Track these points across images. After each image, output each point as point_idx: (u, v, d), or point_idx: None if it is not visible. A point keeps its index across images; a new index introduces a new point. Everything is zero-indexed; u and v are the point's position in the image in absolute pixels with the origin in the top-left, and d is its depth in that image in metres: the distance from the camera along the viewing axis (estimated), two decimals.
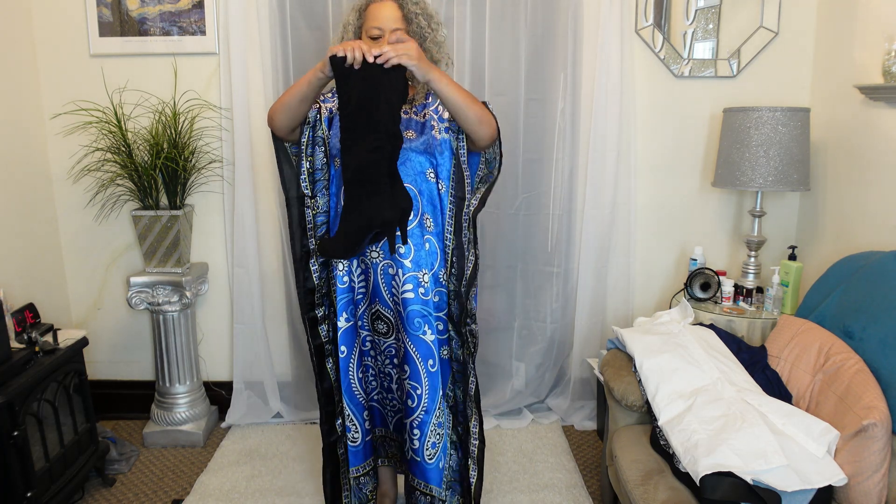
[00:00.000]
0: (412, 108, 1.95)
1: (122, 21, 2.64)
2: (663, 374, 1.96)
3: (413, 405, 1.93)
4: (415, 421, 1.94)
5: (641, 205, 2.81)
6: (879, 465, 1.60)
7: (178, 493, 2.40)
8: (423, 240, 1.90)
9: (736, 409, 1.81)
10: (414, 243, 1.88)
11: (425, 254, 1.90)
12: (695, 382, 1.92)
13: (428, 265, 1.90)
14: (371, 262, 1.90)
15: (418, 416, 1.94)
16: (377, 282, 1.91)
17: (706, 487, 1.60)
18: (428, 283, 1.90)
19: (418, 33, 1.91)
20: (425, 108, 1.95)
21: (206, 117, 2.68)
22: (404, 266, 1.87)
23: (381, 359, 2.01)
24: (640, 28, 2.66)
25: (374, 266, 1.90)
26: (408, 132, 1.90)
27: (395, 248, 1.85)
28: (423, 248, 1.90)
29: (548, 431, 2.80)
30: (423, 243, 1.90)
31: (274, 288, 2.85)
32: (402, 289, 1.88)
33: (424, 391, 1.92)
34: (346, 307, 1.95)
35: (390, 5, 1.89)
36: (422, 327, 1.90)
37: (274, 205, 2.76)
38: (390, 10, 1.88)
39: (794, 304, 2.45)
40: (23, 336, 2.16)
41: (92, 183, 2.67)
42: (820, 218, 2.62)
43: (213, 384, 2.93)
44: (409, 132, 1.90)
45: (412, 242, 1.88)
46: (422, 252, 1.89)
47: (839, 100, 2.47)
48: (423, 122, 1.94)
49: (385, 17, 1.87)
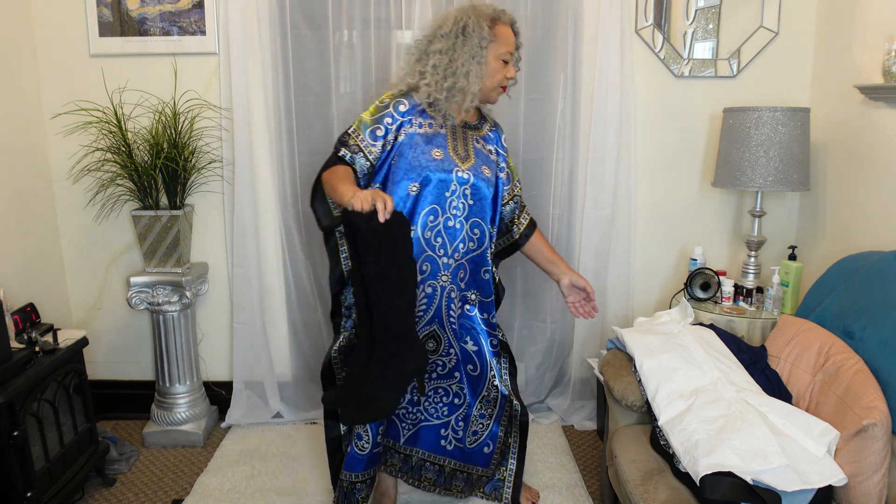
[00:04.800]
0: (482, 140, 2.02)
1: (122, 21, 2.64)
2: (663, 374, 1.96)
3: (459, 403, 2.07)
4: (459, 415, 2.08)
5: (641, 205, 2.81)
6: (879, 465, 1.60)
7: (178, 493, 2.40)
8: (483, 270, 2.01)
9: (736, 409, 1.80)
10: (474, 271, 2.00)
11: (483, 282, 2.02)
12: (695, 382, 1.92)
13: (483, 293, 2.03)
14: (440, 286, 1.95)
15: (462, 410, 2.09)
16: (440, 305, 1.96)
17: (706, 487, 1.60)
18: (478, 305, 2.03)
19: (517, 61, 1.98)
20: (487, 143, 2.03)
21: (206, 117, 2.68)
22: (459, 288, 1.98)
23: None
24: (640, 28, 2.66)
25: (442, 290, 1.95)
26: (484, 168, 1.97)
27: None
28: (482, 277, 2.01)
29: (548, 431, 2.80)
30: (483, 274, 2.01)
31: (274, 288, 2.85)
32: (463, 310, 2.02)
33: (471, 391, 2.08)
34: None
35: (510, 29, 1.91)
36: (479, 342, 2.03)
37: (274, 205, 2.76)
38: (511, 33, 1.92)
39: (794, 304, 2.45)
40: (23, 336, 2.16)
41: (92, 183, 2.67)
42: (820, 218, 2.62)
43: (213, 384, 2.93)
44: (485, 168, 1.97)
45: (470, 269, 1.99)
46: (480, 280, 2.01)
47: (839, 100, 2.47)
48: (490, 158, 2.02)
49: (512, 43, 1.92)
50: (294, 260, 2.81)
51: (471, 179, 1.92)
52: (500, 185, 2.04)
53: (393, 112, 1.90)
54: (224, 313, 2.90)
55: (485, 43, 1.84)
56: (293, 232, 2.79)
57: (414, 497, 2.34)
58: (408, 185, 1.87)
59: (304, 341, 2.90)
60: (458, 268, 1.96)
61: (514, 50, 1.94)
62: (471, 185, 1.92)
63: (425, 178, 1.87)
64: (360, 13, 2.63)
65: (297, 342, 2.91)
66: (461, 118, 1.97)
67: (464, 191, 1.91)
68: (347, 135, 1.91)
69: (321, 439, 2.71)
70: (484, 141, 2.02)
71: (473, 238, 1.96)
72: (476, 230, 1.96)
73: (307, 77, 2.69)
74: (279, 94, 2.67)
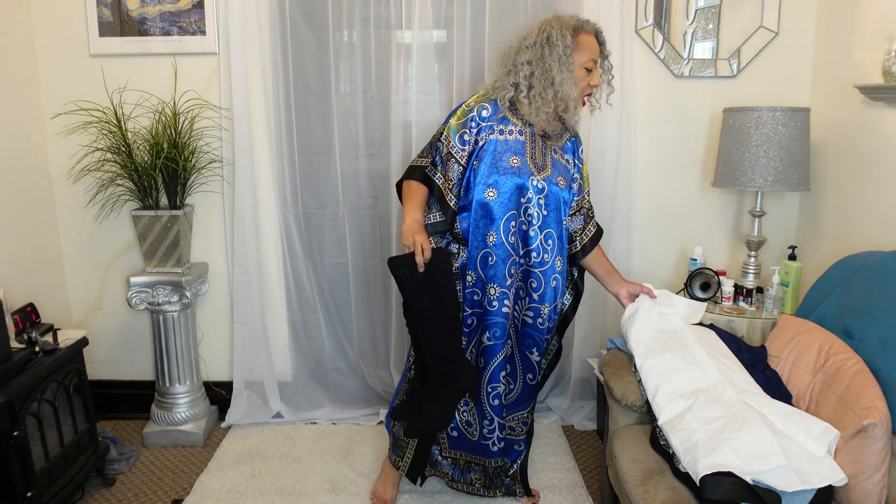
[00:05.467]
0: (560, 150, 2.05)
1: (122, 21, 2.64)
2: (664, 373, 1.95)
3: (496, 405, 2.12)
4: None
5: (641, 205, 2.81)
6: (879, 465, 1.60)
7: (178, 493, 2.40)
8: (552, 278, 2.05)
9: (736, 410, 1.80)
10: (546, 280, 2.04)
11: (551, 290, 2.06)
12: (695, 383, 1.92)
13: (550, 300, 2.07)
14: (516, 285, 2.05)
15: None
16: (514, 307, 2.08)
17: (706, 488, 1.60)
18: (546, 315, 2.08)
19: (606, 71, 2.01)
20: (565, 153, 2.07)
21: (206, 117, 2.68)
22: (531, 297, 2.06)
23: None
24: (640, 28, 2.66)
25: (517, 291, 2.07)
26: (560, 179, 2.02)
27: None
28: (550, 285, 2.05)
29: (548, 431, 2.80)
30: (552, 281, 2.06)
31: (274, 288, 2.85)
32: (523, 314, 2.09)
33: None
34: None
35: (594, 38, 1.94)
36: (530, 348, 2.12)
37: (274, 205, 2.76)
38: (595, 42, 1.95)
39: (794, 304, 2.45)
40: (23, 336, 2.16)
41: (92, 183, 2.67)
42: (820, 218, 2.62)
43: (213, 384, 2.93)
44: (560, 179, 2.02)
45: (543, 279, 2.04)
46: (548, 289, 2.05)
47: (839, 100, 2.47)
48: (568, 169, 2.06)
49: (596, 51, 1.94)
50: (294, 260, 2.81)
51: (545, 189, 1.97)
52: (572, 193, 2.10)
53: (476, 116, 1.96)
54: (224, 313, 2.90)
55: (568, 51, 1.89)
56: (293, 232, 2.79)
57: (415, 497, 2.34)
58: (485, 189, 1.95)
59: (304, 341, 2.90)
60: (528, 275, 2.04)
61: (599, 58, 1.97)
62: (545, 196, 1.97)
63: (501, 184, 1.94)
64: (360, 13, 2.62)
65: (297, 342, 2.91)
66: (541, 127, 2.01)
67: (538, 200, 1.96)
68: (439, 142, 1.99)
69: (321, 439, 2.73)
70: (562, 151, 2.06)
71: (547, 249, 2.01)
72: (549, 241, 2.01)
73: (307, 77, 2.69)
74: (279, 94, 2.67)
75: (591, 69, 1.94)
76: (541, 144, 2.00)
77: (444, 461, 2.26)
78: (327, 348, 2.90)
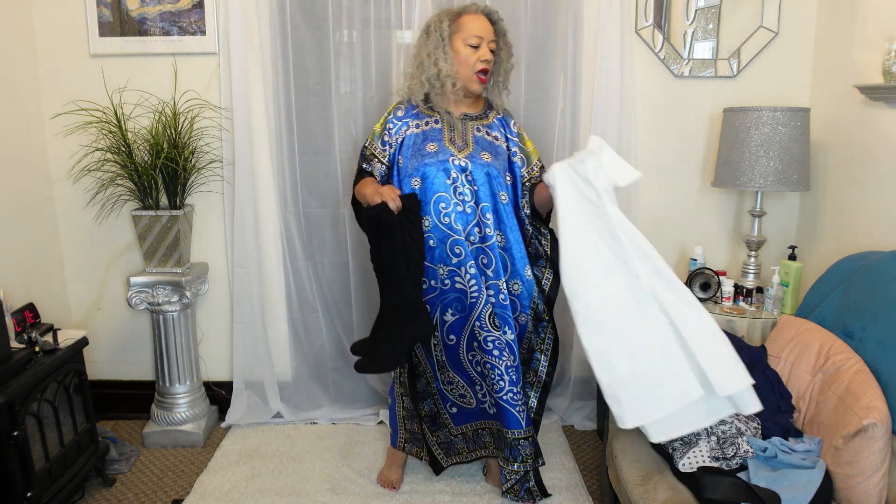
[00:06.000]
0: (484, 128, 2.14)
1: (122, 21, 2.64)
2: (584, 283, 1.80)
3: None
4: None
5: (641, 205, 2.81)
6: (879, 465, 1.60)
7: (178, 493, 2.40)
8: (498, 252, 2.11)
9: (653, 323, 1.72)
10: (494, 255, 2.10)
11: (500, 265, 2.11)
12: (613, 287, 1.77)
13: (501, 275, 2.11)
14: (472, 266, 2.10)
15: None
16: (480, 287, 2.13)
17: (706, 487, 1.60)
18: (506, 290, 2.12)
19: (505, 49, 2.11)
20: (491, 130, 2.15)
21: (206, 117, 2.68)
22: (487, 275, 2.11)
23: None
24: (640, 28, 2.66)
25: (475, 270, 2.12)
26: (484, 154, 2.10)
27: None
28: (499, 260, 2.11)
29: (548, 431, 2.80)
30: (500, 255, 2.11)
31: (274, 288, 2.85)
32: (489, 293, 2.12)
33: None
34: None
35: (483, 18, 2.06)
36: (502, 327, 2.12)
37: (274, 205, 2.76)
38: (485, 23, 2.06)
39: (794, 304, 2.45)
40: (23, 336, 2.16)
41: (92, 183, 2.67)
42: (820, 218, 2.62)
43: (213, 384, 2.93)
44: (484, 154, 2.10)
45: (492, 254, 2.10)
46: (498, 264, 2.11)
47: (839, 100, 2.47)
48: (496, 144, 2.14)
49: (483, 29, 2.05)
50: (294, 260, 2.81)
51: (468, 166, 2.08)
52: (517, 168, 2.18)
53: (392, 118, 2.15)
54: (224, 313, 2.90)
55: (445, 34, 2.04)
56: (293, 232, 2.79)
57: (415, 498, 2.34)
58: (410, 181, 2.09)
59: (304, 341, 2.90)
60: (478, 252, 2.09)
61: (490, 36, 2.05)
62: (471, 172, 2.08)
63: (423, 172, 2.07)
64: (360, 13, 2.63)
65: (297, 342, 2.91)
66: (460, 110, 2.14)
67: (464, 178, 2.08)
68: (365, 147, 2.17)
69: (321, 439, 2.73)
70: (488, 129, 2.16)
71: (487, 223, 2.08)
72: (487, 215, 2.08)
73: (307, 77, 2.69)
74: (279, 94, 2.67)
75: (476, 45, 2.03)
76: (461, 127, 2.12)
77: (457, 439, 2.32)
78: (327, 348, 2.90)
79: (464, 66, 2.04)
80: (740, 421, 1.87)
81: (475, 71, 2.05)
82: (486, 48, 2.04)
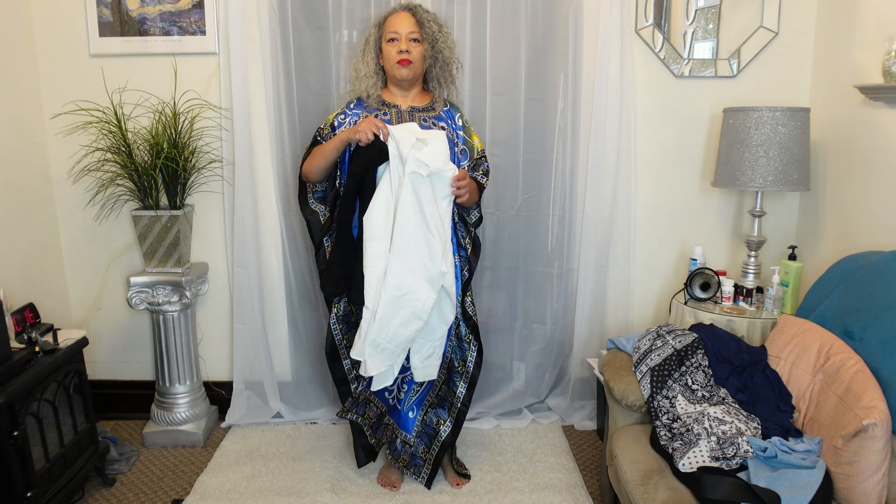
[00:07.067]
0: (431, 119, 2.24)
1: (122, 21, 2.64)
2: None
3: None
4: None
5: (641, 205, 2.81)
6: (879, 465, 1.60)
7: (178, 493, 2.40)
8: None
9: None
10: None
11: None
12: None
13: None
14: None
15: None
16: None
17: (706, 487, 1.60)
18: None
19: (431, 35, 2.20)
20: (437, 121, 2.25)
21: (206, 117, 2.68)
22: None
23: None
24: (640, 28, 2.66)
25: None
26: None
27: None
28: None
29: (548, 431, 2.80)
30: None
31: (274, 288, 2.85)
32: None
33: None
34: None
35: (405, 15, 2.20)
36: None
37: (274, 204, 2.76)
38: (405, 18, 2.20)
39: (794, 304, 2.45)
40: (23, 336, 2.16)
41: (92, 183, 2.67)
42: (820, 218, 2.62)
43: (213, 384, 2.93)
44: None
45: None
46: None
47: (839, 100, 2.47)
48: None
49: (401, 24, 2.18)
50: (294, 259, 2.81)
51: None
52: (457, 160, 2.26)
53: (346, 109, 2.27)
54: (224, 313, 2.90)
55: (372, 39, 2.22)
56: (293, 231, 2.79)
57: (415, 498, 2.34)
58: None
59: (304, 341, 2.90)
60: None
61: (408, 29, 2.17)
62: None
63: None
64: (360, 13, 2.63)
65: (297, 342, 2.91)
66: (408, 102, 2.26)
67: None
68: (319, 129, 2.27)
69: (321, 439, 2.73)
70: (435, 119, 2.26)
71: None
72: None
73: (307, 77, 2.69)
74: (279, 94, 2.67)
75: (394, 38, 2.17)
76: (408, 118, 2.23)
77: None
78: None
79: (387, 61, 2.20)
80: (740, 421, 1.87)
81: (395, 62, 2.17)
82: (405, 40, 2.16)
